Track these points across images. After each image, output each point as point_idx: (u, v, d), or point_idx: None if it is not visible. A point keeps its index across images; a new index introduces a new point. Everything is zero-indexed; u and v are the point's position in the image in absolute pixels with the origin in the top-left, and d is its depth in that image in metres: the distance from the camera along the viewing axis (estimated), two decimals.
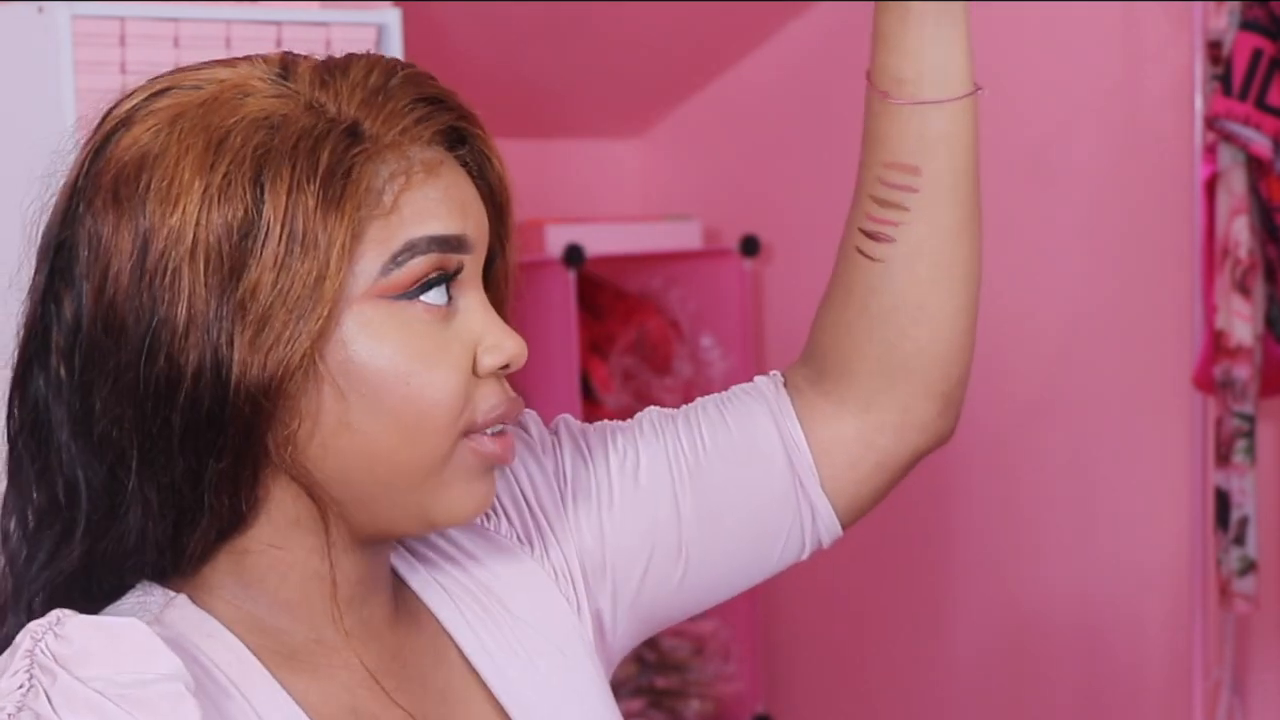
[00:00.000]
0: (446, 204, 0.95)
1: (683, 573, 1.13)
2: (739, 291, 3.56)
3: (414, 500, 0.96)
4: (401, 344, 0.93)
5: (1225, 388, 2.79)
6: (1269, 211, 2.79)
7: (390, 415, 0.93)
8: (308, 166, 0.91)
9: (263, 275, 0.90)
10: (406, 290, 0.94)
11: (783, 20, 3.54)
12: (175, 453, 0.91)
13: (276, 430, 0.92)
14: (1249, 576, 2.81)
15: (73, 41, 2.27)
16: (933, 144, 1.09)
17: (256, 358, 0.90)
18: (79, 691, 0.84)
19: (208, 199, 0.90)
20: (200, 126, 0.92)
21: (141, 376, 0.91)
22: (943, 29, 1.08)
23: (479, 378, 0.97)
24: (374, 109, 0.94)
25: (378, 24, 2.55)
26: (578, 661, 1.08)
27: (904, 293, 1.12)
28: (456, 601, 1.06)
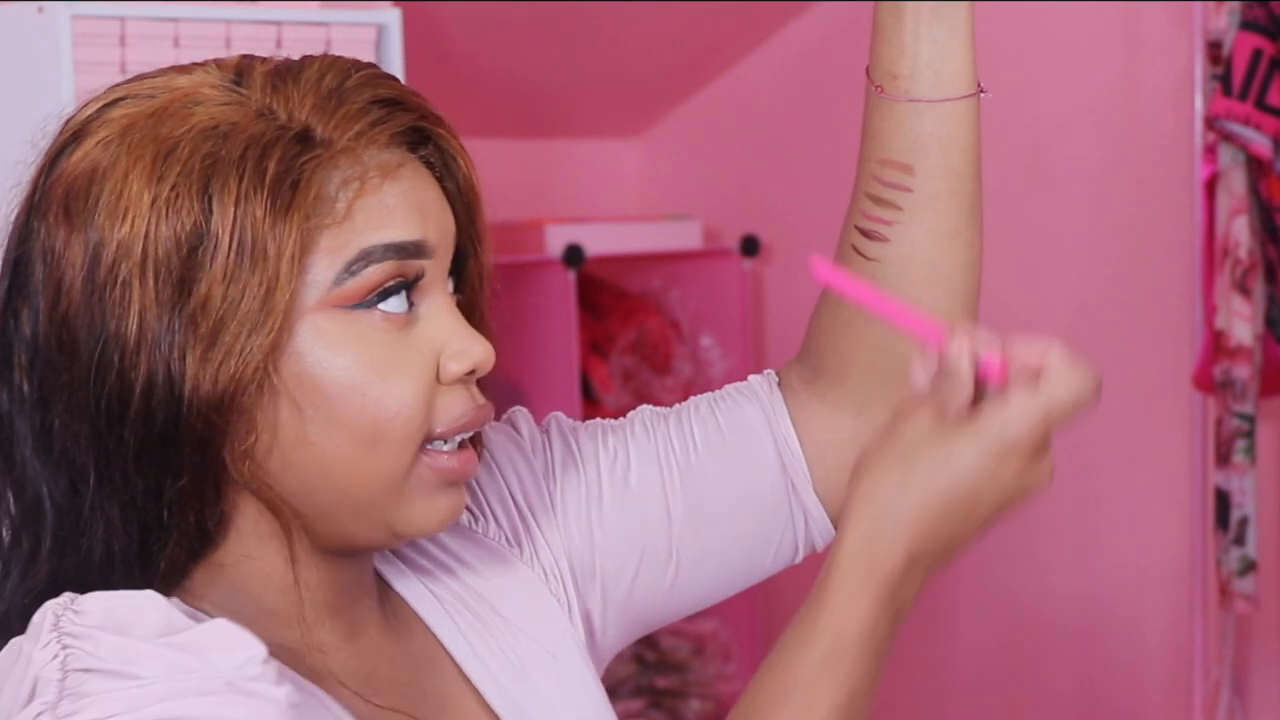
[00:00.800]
0: (404, 209, 0.93)
1: (674, 575, 1.12)
2: (739, 291, 3.56)
3: (376, 513, 0.94)
4: (357, 355, 0.91)
5: (1225, 388, 2.79)
6: (1269, 211, 2.79)
7: (347, 428, 0.91)
8: (255, 175, 0.89)
9: (213, 288, 0.88)
10: (362, 300, 0.91)
11: (783, 20, 3.54)
12: (132, 470, 0.90)
13: (233, 445, 0.90)
14: (1249, 576, 2.81)
15: (73, 41, 2.27)
16: (926, 142, 1.08)
17: (208, 372, 0.88)
18: (124, 644, 0.83)
19: (156, 211, 0.89)
20: (150, 138, 0.91)
21: (94, 393, 0.89)
22: (939, 27, 1.07)
23: (444, 385, 0.94)
24: (326, 113, 0.92)
25: (378, 24, 2.55)
26: (571, 665, 1.07)
27: (898, 294, 1.10)
28: (447, 609, 1.05)
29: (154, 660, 0.83)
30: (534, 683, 1.04)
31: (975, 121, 1.09)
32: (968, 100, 1.08)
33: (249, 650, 0.84)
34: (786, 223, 3.60)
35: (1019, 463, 0.92)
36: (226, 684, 0.83)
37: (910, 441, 0.92)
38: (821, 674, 0.91)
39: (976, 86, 1.09)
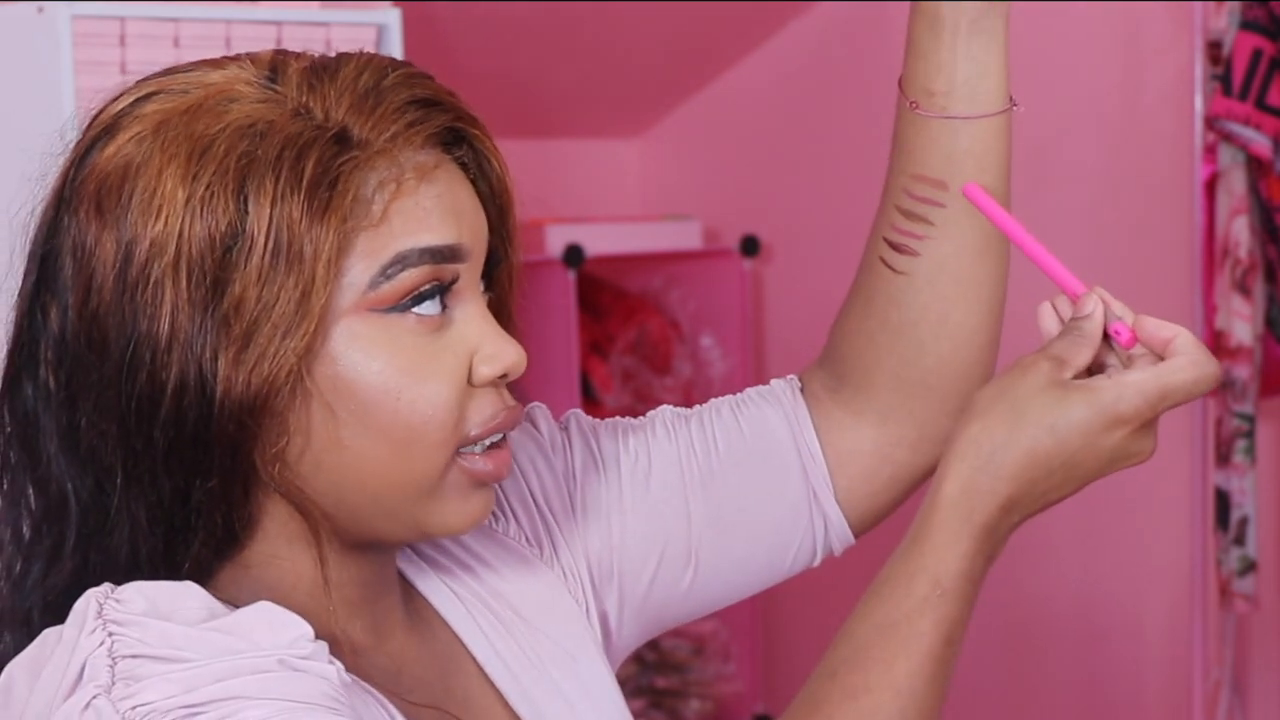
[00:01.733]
0: (439, 212, 0.92)
1: (691, 577, 1.12)
2: (739, 291, 3.56)
3: (407, 514, 0.93)
4: (391, 358, 0.90)
5: (1225, 388, 2.79)
6: (1269, 211, 2.79)
7: (381, 432, 0.90)
8: (292, 176, 0.88)
9: (247, 289, 0.87)
10: (397, 303, 0.90)
11: (783, 20, 3.53)
12: (160, 471, 0.89)
13: (264, 448, 0.89)
14: (1249, 576, 2.81)
15: (73, 41, 2.27)
16: (961, 159, 1.07)
17: (241, 374, 0.87)
18: (171, 629, 0.83)
19: (190, 209, 0.87)
20: (184, 135, 0.89)
21: (123, 392, 0.88)
22: (976, 44, 1.06)
23: (475, 388, 0.93)
24: (364, 113, 0.91)
25: (378, 24, 2.55)
26: (589, 664, 1.06)
27: (926, 307, 1.10)
28: (469, 607, 1.04)
29: (202, 644, 0.83)
30: (553, 682, 1.04)
31: (1008, 136, 1.09)
32: (1003, 116, 1.08)
33: (296, 629, 0.85)
34: (786, 223, 3.60)
35: (1125, 434, 0.94)
36: (279, 662, 0.83)
37: (1024, 393, 0.94)
38: (922, 613, 0.92)
39: (1010, 101, 1.08)
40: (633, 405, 3.48)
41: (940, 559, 0.93)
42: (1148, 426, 0.95)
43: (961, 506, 0.94)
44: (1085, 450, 0.94)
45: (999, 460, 0.94)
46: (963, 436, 0.95)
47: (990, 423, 0.95)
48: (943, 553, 0.93)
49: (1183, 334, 0.96)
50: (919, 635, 0.92)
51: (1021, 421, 0.94)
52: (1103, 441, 0.94)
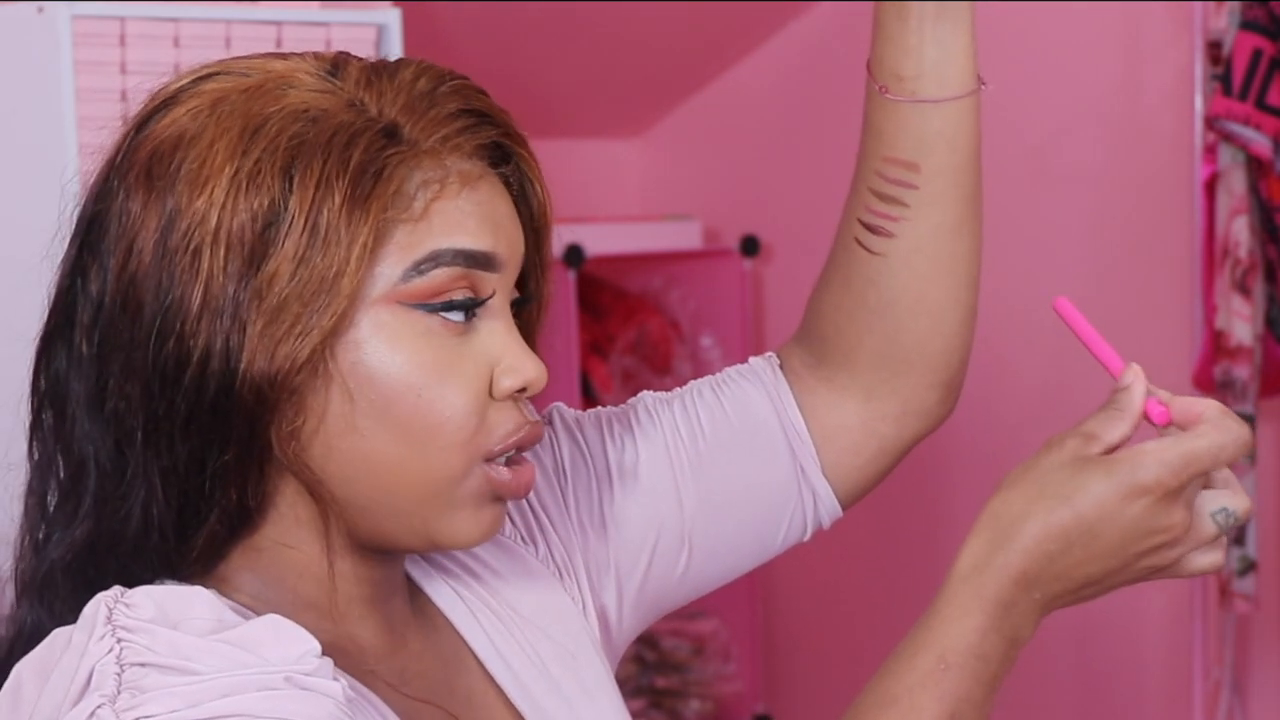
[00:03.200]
0: (479, 219, 0.93)
1: (686, 561, 1.13)
2: (739, 291, 3.56)
3: (418, 517, 0.94)
4: (415, 354, 0.91)
5: (1225, 388, 2.79)
6: (1269, 211, 2.79)
7: (398, 425, 0.91)
8: (339, 162, 0.90)
9: (281, 266, 0.89)
10: (427, 301, 0.92)
11: (783, 20, 3.54)
12: (179, 437, 0.90)
13: (280, 425, 0.90)
14: (1249, 576, 2.81)
15: (73, 41, 2.27)
16: (932, 141, 1.08)
17: (265, 348, 0.89)
18: (178, 639, 0.84)
19: (236, 184, 0.89)
20: (240, 112, 0.91)
21: (151, 356, 0.90)
22: (943, 28, 1.07)
23: (496, 401, 0.94)
24: (416, 114, 0.92)
25: (378, 24, 2.55)
26: (588, 662, 1.07)
27: (903, 287, 1.11)
28: (472, 609, 1.05)
29: (210, 655, 0.83)
30: (553, 680, 1.05)
31: (977, 115, 1.10)
32: (972, 97, 1.09)
33: (303, 645, 0.85)
34: (786, 223, 3.60)
35: (1147, 505, 0.93)
36: (285, 679, 0.83)
37: (1046, 468, 0.94)
38: (925, 687, 0.92)
39: (978, 81, 1.10)
40: None
41: (947, 632, 0.93)
42: (1173, 497, 0.94)
43: (972, 580, 0.94)
44: (1104, 522, 0.94)
45: (1013, 535, 0.94)
46: (985, 511, 0.95)
47: (1011, 496, 0.95)
48: (950, 626, 0.93)
49: (1211, 405, 0.96)
50: (919, 709, 0.92)
51: (1040, 497, 0.94)
52: (1124, 512, 0.93)
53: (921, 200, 1.10)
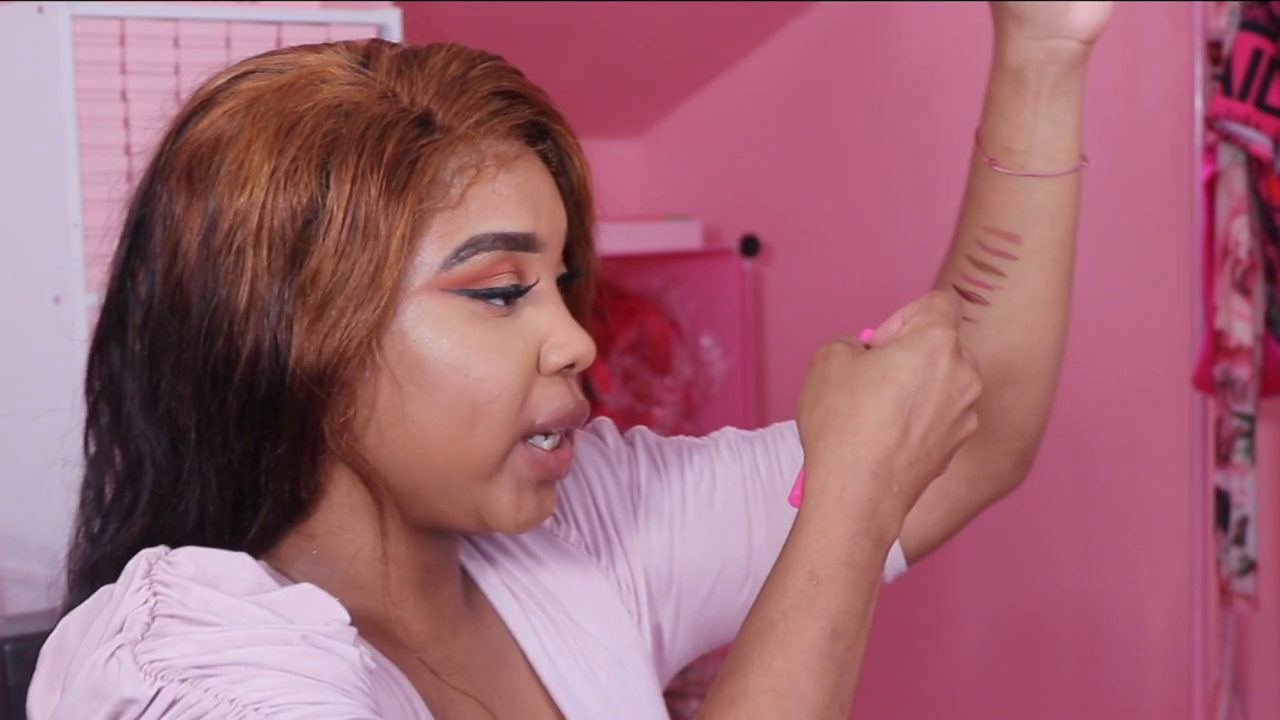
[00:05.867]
0: (517, 200, 0.94)
1: (748, 594, 1.13)
2: (739, 291, 3.56)
3: (468, 498, 0.95)
4: (461, 336, 0.93)
5: (1225, 388, 2.79)
6: (1269, 211, 2.79)
7: (447, 407, 0.92)
8: (373, 155, 0.91)
9: (323, 262, 0.90)
10: (470, 286, 0.93)
11: (783, 20, 3.53)
12: (232, 435, 0.91)
13: (332, 417, 0.92)
14: (1249, 576, 2.81)
15: (73, 41, 2.27)
16: (1036, 215, 1.09)
17: (313, 343, 0.90)
18: (211, 595, 0.85)
19: (275, 183, 0.90)
20: (275, 111, 0.92)
21: (201, 356, 0.91)
22: (1057, 105, 1.08)
23: (544, 376, 0.95)
24: (448, 100, 0.93)
25: (378, 24, 2.55)
26: (636, 673, 1.07)
27: (993, 354, 1.12)
28: (523, 606, 1.05)
29: (237, 613, 0.84)
30: (599, 686, 1.05)
31: (1079, 191, 1.11)
32: (1077, 173, 1.10)
33: (332, 612, 0.86)
34: (786, 223, 3.60)
35: (949, 361, 0.93)
36: (302, 637, 0.84)
37: (840, 372, 0.93)
38: (799, 608, 0.90)
39: (1083, 158, 1.11)
40: (632, 405, 3.48)
41: (813, 547, 0.91)
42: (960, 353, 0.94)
43: (829, 492, 0.91)
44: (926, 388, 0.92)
45: (852, 428, 0.92)
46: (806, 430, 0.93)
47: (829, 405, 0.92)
48: (816, 540, 0.91)
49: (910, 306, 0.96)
50: (797, 632, 0.89)
51: (857, 391, 0.92)
52: (935, 373, 0.92)
53: (1020, 271, 1.11)
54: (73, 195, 2.27)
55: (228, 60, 2.36)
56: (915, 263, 3.43)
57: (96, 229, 2.29)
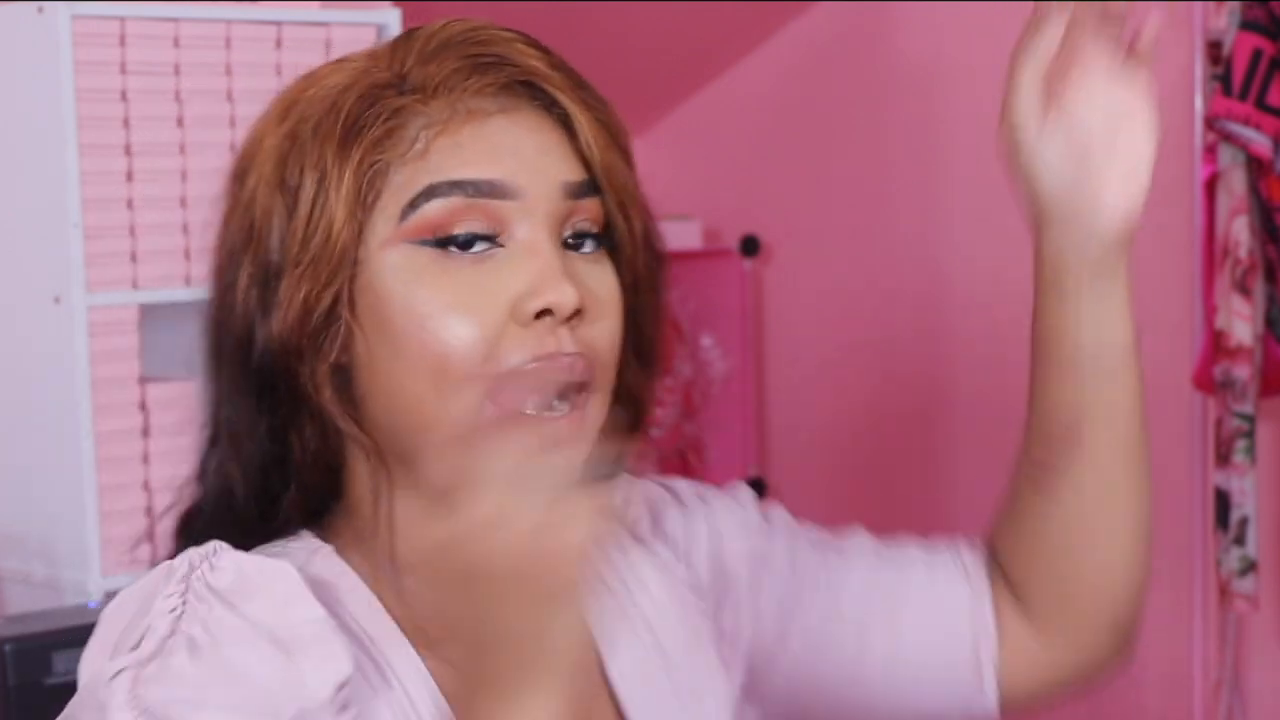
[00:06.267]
0: (483, 149, 0.93)
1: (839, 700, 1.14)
2: (739, 291, 3.56)
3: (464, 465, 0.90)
4: (421, 286, 0.92)
5: (1225, 388, 2.79)
6: (1269, 211, 2.79)
7: (411, 359, 0.92)
8: (331, 115, 0.93)
9: (298, 227, 0.93)
10: (430, 236, 0.92)
11: (783, 20, 3.53)
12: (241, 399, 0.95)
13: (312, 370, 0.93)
14: (1249, 576, 2.81)
15: (73, 41, 2.27)
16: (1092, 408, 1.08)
17: (288, 304, 0.92)
18: (230, 621, 0.87)
19: (270, 161, 0.94)
20: (287, 99, 0.97)
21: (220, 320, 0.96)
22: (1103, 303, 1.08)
23: (519, 326, 0.92)
24: (426, 61, 0.95)
25: (378, 24, 2.55)
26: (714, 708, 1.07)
27: (1072, 529, 1.11)
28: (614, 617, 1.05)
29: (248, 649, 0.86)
30: (670, 712, 1.05)
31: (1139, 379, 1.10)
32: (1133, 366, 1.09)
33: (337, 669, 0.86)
34: (786, 223, 3.60)
35: None
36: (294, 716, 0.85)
37: None
38: None
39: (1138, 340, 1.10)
40: None
41: None
42: None
43: None
44: None
45: None
46: None
47: None
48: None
49: None
50: None
51: None
52: None
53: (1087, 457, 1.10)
54: (73, 195, 2.27)
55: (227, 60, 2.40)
56: (915, 262, 3.43)
57: (96, 229, 2.29)
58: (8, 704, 1.82)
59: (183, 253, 2.38)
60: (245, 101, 2.42)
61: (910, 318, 3.43)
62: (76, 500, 2.28)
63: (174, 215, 2.37)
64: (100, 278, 2.29)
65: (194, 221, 2.39)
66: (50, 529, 2.33)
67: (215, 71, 2.40)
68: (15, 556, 2.37)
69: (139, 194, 2.34)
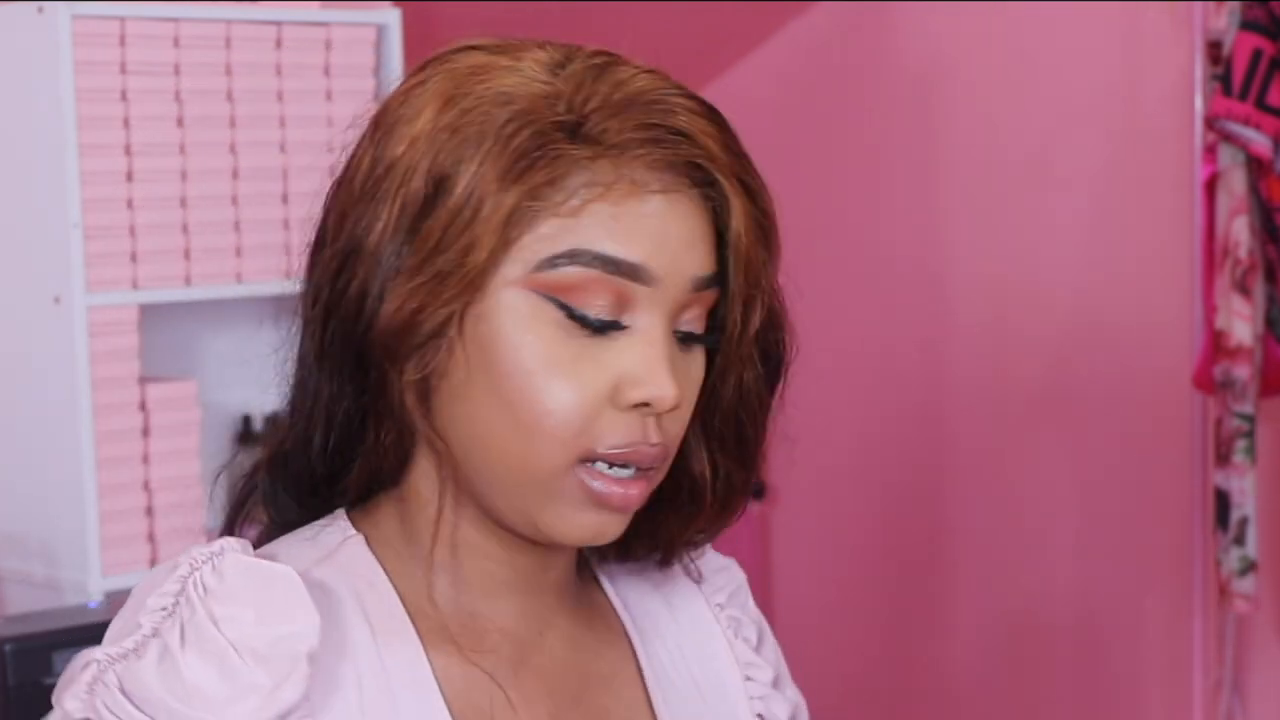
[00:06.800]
0: (639, 231, 0.93)
1: None
2: None
3: (520, 500, 0.94)
4: (537, 341, 0.93)
5: (1225, 388, 2.79)
6: (1269, 211, 2.79)
7: (506, 404, 0.93)
8: (505, 142, 0.93)
9: (435, 228, 0.92)
10: (558, 295, 0.93)
11: (783, 20, 3.54)
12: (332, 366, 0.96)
13: (407, 375, 0.94)
14: (1249, 576, 2.81)
15: (73, 41, 2.27)
16: None
17: (402, 299, 0.92)
18: (208, 631, 0.88)
19: (424, 146, 0.94)
20: (456, 83, 0.97)
21: (328, 283, 0.96)
22: None
23: (616, 410, 0.93)
24: (606, 116, 0.94)
25: (378, 24, 2.55)
26: None
27: None
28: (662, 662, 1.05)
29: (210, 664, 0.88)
30: None
31: None
32: None
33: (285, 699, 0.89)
34: (786, 223, 3.58)
35: None
36: None
37: None
38: None
39: None
40: None
41: None
42: None
43: None
44: None
45: None
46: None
47: None
48: None
49: None
50: None
51: None
52: None
53: None
54: (73, 195, 2.27)
55: (227, 60, 2.40)
56: (914, 262, 3.44)
57: (96, 229, 2.30)
58: (8, 704, 1.82)
59: (183, 253, 2.39)
60: (245, 101, 2.43)
61: (909, 317, 3.44)
62: (76, 500, 2.28)
63: (174, 215, 2.37)
64: (100, 278, 2.29)
65: (194, 221, 2.39)
66: (50, 529, 2.33)
67: (215, 71, 2.40)
68: (15, 556, 2.37)
69: (139, 194, 2.34)
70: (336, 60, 2.51)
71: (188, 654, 0.88)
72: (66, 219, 2.27)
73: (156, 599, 0.90)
